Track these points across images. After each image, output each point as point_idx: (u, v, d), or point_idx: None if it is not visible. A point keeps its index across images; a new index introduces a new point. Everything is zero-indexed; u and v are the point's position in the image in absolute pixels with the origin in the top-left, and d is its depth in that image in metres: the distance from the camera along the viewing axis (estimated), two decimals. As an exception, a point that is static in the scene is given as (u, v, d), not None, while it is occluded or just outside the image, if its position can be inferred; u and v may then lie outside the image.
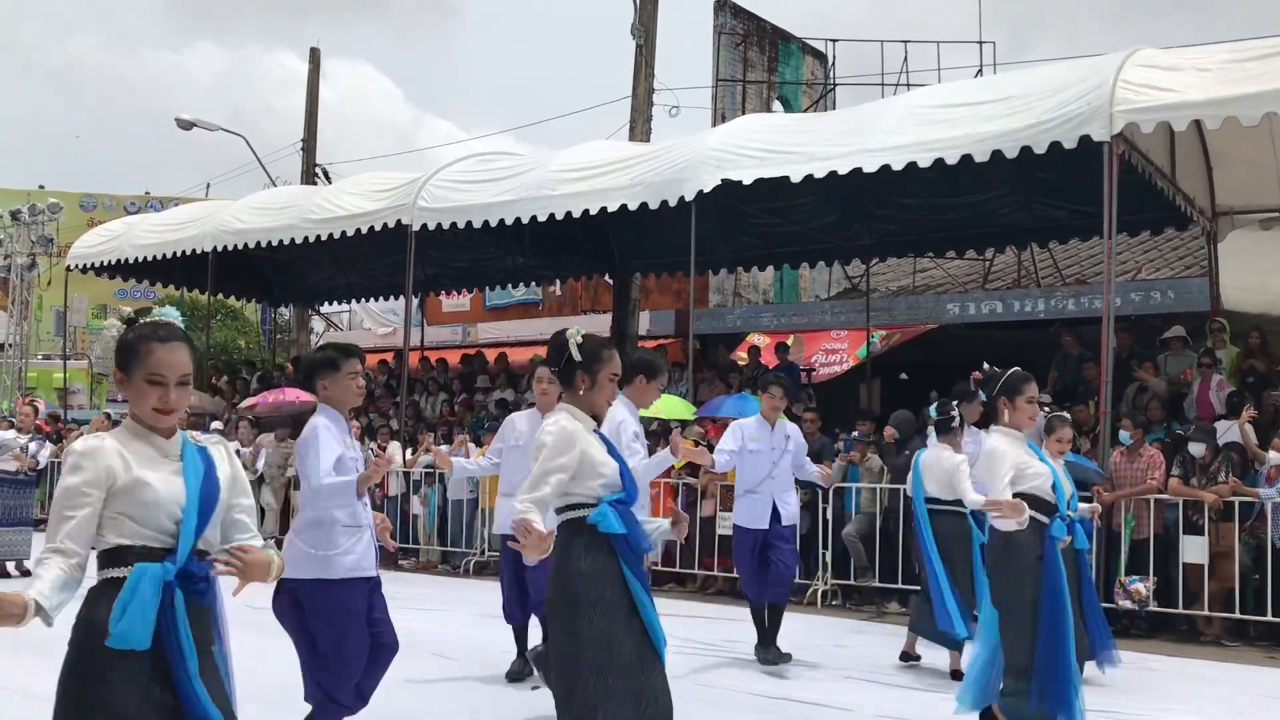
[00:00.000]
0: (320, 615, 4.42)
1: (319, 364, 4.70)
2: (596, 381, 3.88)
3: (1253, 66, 8.74)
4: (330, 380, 4.62)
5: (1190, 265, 15.85)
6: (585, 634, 3.60)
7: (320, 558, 4.42)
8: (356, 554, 4.50)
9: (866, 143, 10.29)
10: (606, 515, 3.69)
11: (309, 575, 4.41)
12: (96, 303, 30.57)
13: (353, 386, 4.65)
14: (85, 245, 17.76)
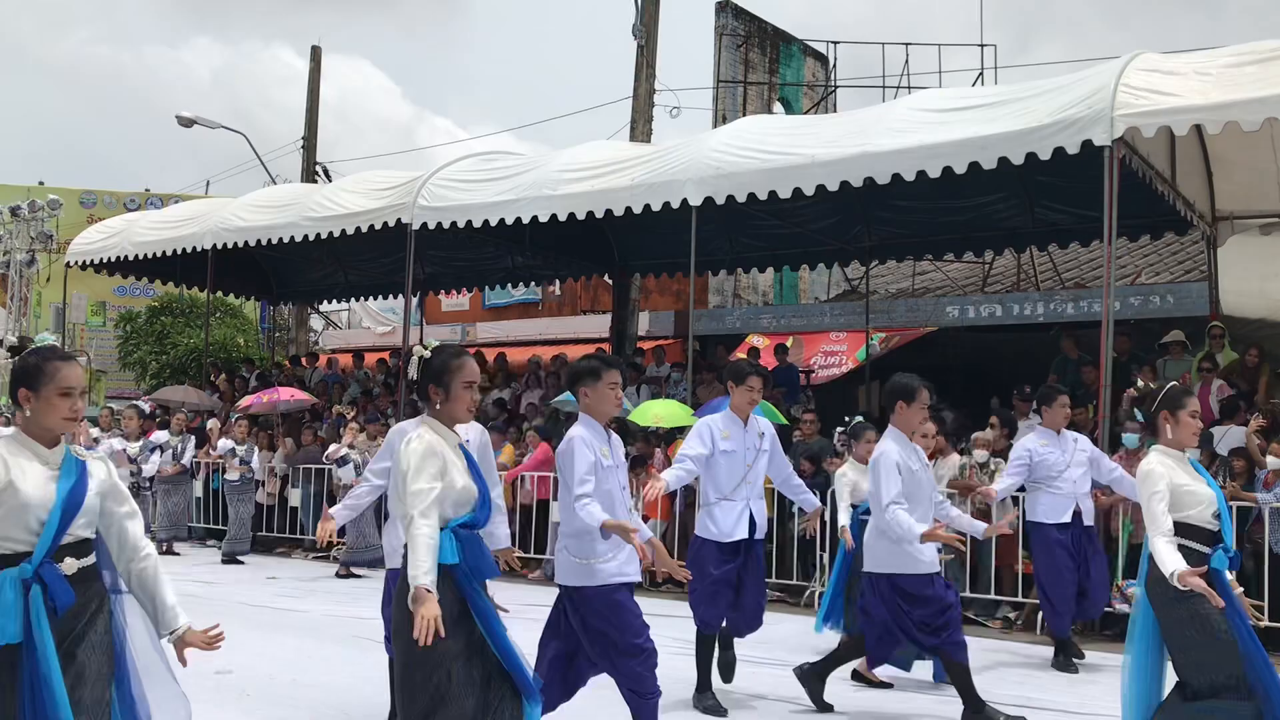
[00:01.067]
0: (598, 615, 4.67)
1: (582, 372, 4.86)
2: (451, 393, 3.83)
3: (1254, 71, 8.75)
4: (591, 389, 4.79)
5: (1190, 270, 15.86)
6: (422, 656, 3.55)
7: (583, 566, 4.67)
8: (619, 560, 4.72)
9: (869, 146, 10.29)
10: (443, 544, 3.62)
11: (575, 583, 4.70)
12: (96, 300, 30.56)
13: (611, 396, 4.80)
14: (85, 242, 17.75)
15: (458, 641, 3.58)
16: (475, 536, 3.76)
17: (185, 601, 3.76)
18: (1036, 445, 7.65)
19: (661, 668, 4.93)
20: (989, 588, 9.50)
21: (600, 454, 4.70)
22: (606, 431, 4.85)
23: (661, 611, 9.71)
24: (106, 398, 26.76)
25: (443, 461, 3.67)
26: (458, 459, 3.77)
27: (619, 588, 4.73)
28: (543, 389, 15.08)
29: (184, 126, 23.24)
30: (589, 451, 4.68)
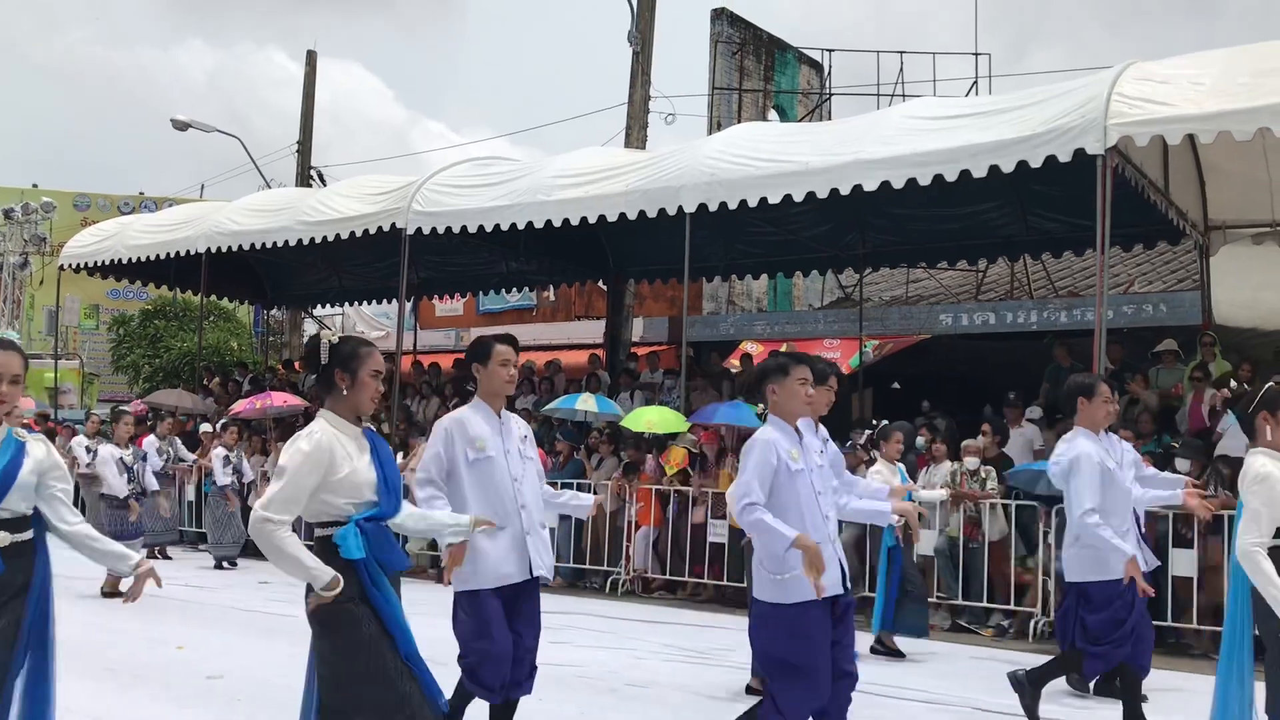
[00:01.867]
0: (778, 636, 4.35)
1: (769, 370, 4.60)
2: (358, 380, 3.76)
3: (1246, 81, 8.78)
4: (779, 386, 4.51)
5: (1183, 279, 15.90)
6: (342, 646, 3.54)
7: (776, 581, 4.33)
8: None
9: (862, 154, 10.32)
10: (347, 539, 3.57)
11: (768, 599, 4.38)
12: (89, 303, 30.53)
13: (801, 394, 4.51)
14: (78, 245, 17.72)
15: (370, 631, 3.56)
16: (382, 529, 3.68)
17: (178, 606, 3.76)
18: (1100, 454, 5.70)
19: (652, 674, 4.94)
20: (982, 595, 9.51)
21: (789, 457, 4.36)
22: (797, 431, 4.52)
23: (650, 618, 9.72)
24: (100, 401, 26.73)
25: (325, 469, 3.59)
26: (357, 451, 3.69)
27: (812, 605, 4.30)
28: (536, 394, 15.07)
29: (179, 130, 23.21)
30: (771, 455, 4.34)
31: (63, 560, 4.06)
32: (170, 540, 13.61)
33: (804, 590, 4.25)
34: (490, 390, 4.76)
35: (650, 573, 11.34)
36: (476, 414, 4.72)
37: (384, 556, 3.66)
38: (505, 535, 4.55)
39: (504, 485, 4.62)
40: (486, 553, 4.53)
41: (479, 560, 4.53)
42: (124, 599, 4.15)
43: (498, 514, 4.50)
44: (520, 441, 4.77)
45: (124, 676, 6.78)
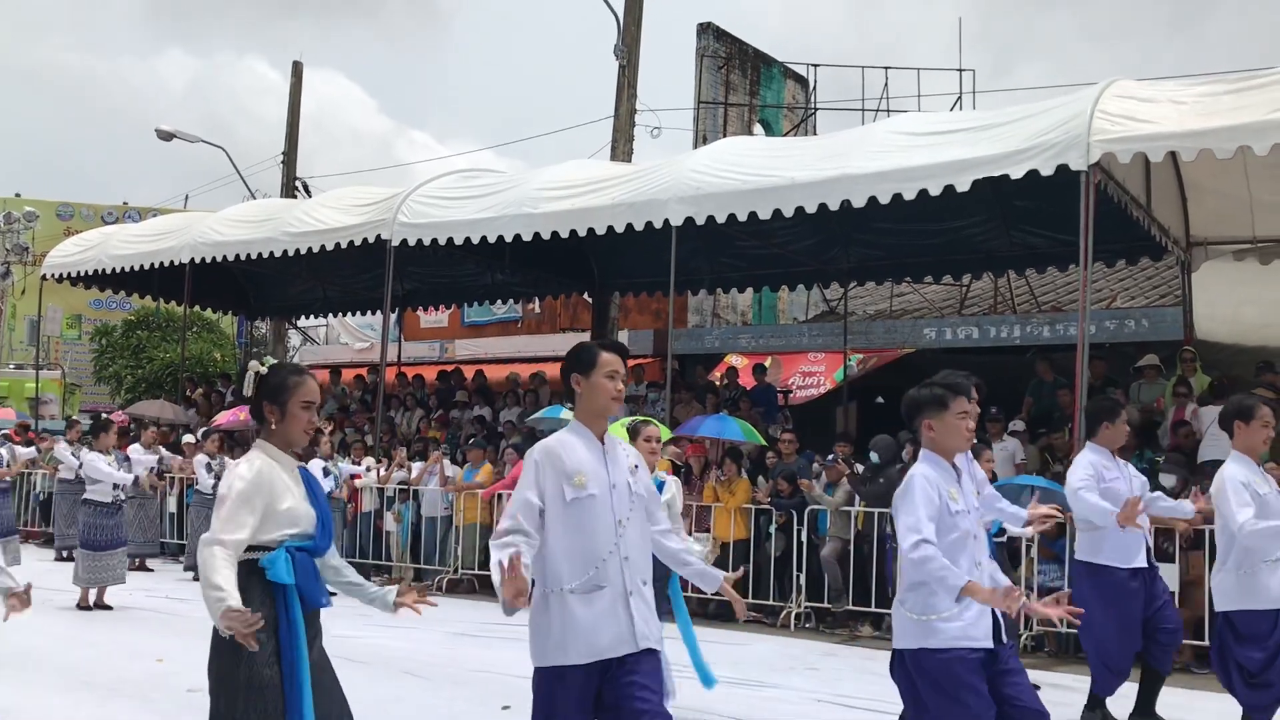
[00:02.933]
0: (929, 686, 3.90)
1: (924, 402, 4.08)
2: (287, 412, 3.61)
3: (1227, 100, 8.86)
4: (937, 420, 4.04)
5: (1165, 295, 15.99)
6: (238, 679, 3.39)
7: (921, 624, 3.91)
8: (964, 620, 3.86)
9: (847, 169, 10.35)
10: (276, 562, 3.46)
11: (913, 645, 3.95)
12: (71, 313, 30.39)
13: (961, 428, 4.02)
14: (61, 254, 17.64)
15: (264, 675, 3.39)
16: (310, 561, 3.57)
17: (158, 619, 3.73)
18: (1100, 465, 6.16)
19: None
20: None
21: (948, 496, 3.94)
22: (955, 469, 4.07)
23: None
24: (81, 411, 26.56)
25: (268, 497, 3.49)
26: (294, 484, 3.59)
27: (963, 654, 3.86)
28: (521, 406, 15.06)
29: (163, 140, 23.14)
30: (933, 493, 3.91)
31: (40, 573, 4.06)
32: (151, 552, 13.53)
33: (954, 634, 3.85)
34: (593, 409, 3.79)
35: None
36: (575, 439, 3.77)
37: (308, 588, 3.51)
38: (603, 596, 3.60)
39: (604, 530, 3.67)
40: (576, 617, 3.58)
41: (567, 626, 3.58)
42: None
43: (590, 566, 3.62)
44: (629, 474, 3.81)
45: (102, 690, 6.72)
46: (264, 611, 3.37)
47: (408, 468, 13.21)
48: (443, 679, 7.27)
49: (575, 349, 3.88)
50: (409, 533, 12.90)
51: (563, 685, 3.56)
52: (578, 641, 3.55)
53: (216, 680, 3.42)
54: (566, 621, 3.57)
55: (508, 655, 7.38)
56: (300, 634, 3.43)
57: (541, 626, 3.62)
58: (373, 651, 7.50)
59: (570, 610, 3.58)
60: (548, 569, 3.63)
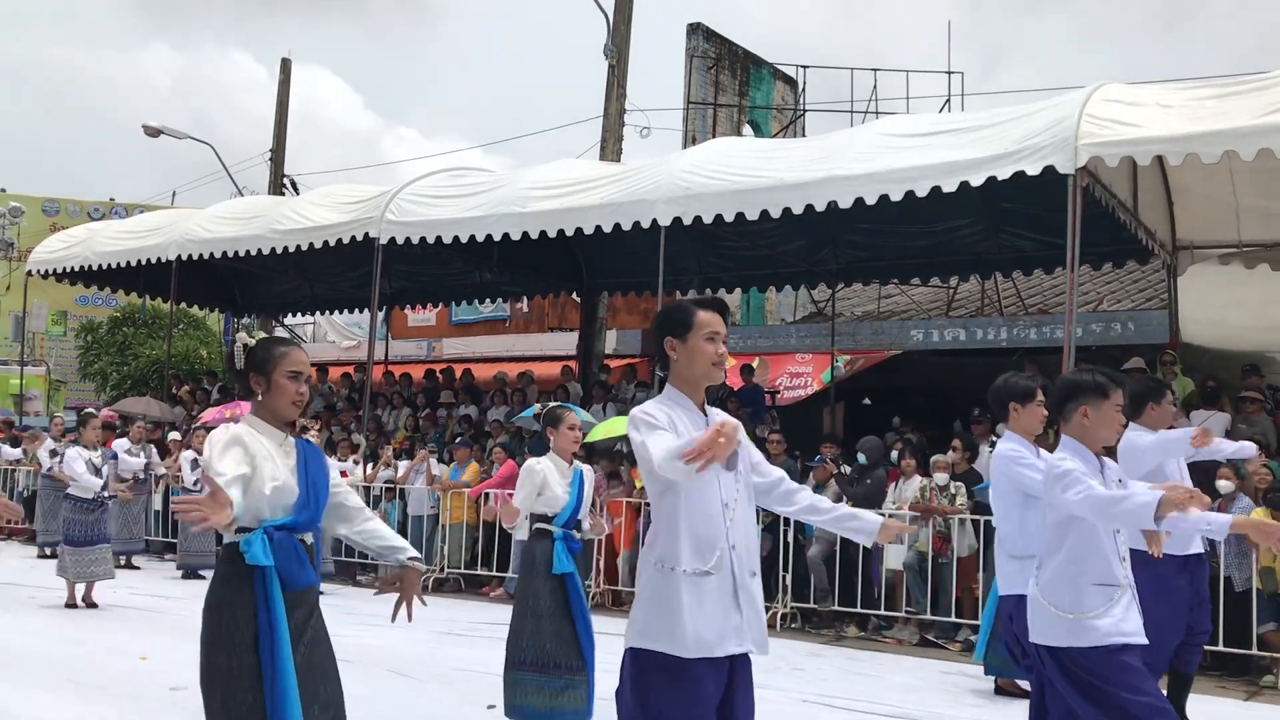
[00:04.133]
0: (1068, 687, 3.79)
1: (1084, 388, 3.95)
2: (272, 383, 3.54)
3: (1213, 105, 8.91)
4: (1095, 409, 3.93)
5: (1151, 298, 16.06)
6: (217, 668, 3.34)
7: (1068, 621, 3.79)
8: (1113, 617, 3.76)
9: (836, 170, 10.37)
10: (252, 544, 3.36)
11: (1058, 642, 3.81)
12: (57, 309, 30.21)
13: (1117, 421, 3.97)
14: (47, 250, 17.56)
15: (239, 661, 3.33)
16: (292, 541, 3.46)
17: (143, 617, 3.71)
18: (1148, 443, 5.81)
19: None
20: (950, 610, 9.55)
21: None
22: (1099, 461, 3.97)
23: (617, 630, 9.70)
24: (66, 408, 26.43)
25: (250, 455, 3.40)
26: (280, 456, 3.49)
27: (1113, 651, 3.74)
28: (509, 406, 15.04)
29: (150, 136, 23.05)
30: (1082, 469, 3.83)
31: (24, 570, 4.02)
32: (137, 550, 13.47)
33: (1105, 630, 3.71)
34: (691, 377, 3.39)
35: (620, 586, 11.32)
36: (679, 410, 3.34)
37: (288, 570, 3.41)
38: (710, 585, 3.23)
39: (713, 514, 3.28)
40: (684, 605, 3.20)
41: (672, 613, 3.21)
42: None
43: (702, 554, 3.25)
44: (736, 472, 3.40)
45: (87, 688, 6.70)
46: (244, 596, 3.35)
47: (394, 466, 13.19)
48: (428, 678, 7.27)
49: (668, 308, 3.50)
50: (395, 531, 12.86)
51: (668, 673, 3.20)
52: (681, 632, 3.18)
53: (204, 672, 3.39)
54: (670, 607, 3.21)
55: (493, 654, 7.35)
56: (279, 618, 3.36)
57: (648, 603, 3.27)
58: (357, 650, 7.48)
59: (680, 596, 3.20)
60: (668, 542, 3.27)
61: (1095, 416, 3.93)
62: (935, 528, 9.71)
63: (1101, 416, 3.93)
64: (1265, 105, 8.56)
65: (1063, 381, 4.11)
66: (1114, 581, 3.81)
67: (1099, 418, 3.93)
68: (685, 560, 3.22)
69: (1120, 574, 3.82)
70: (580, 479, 5.90)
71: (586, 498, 5.94)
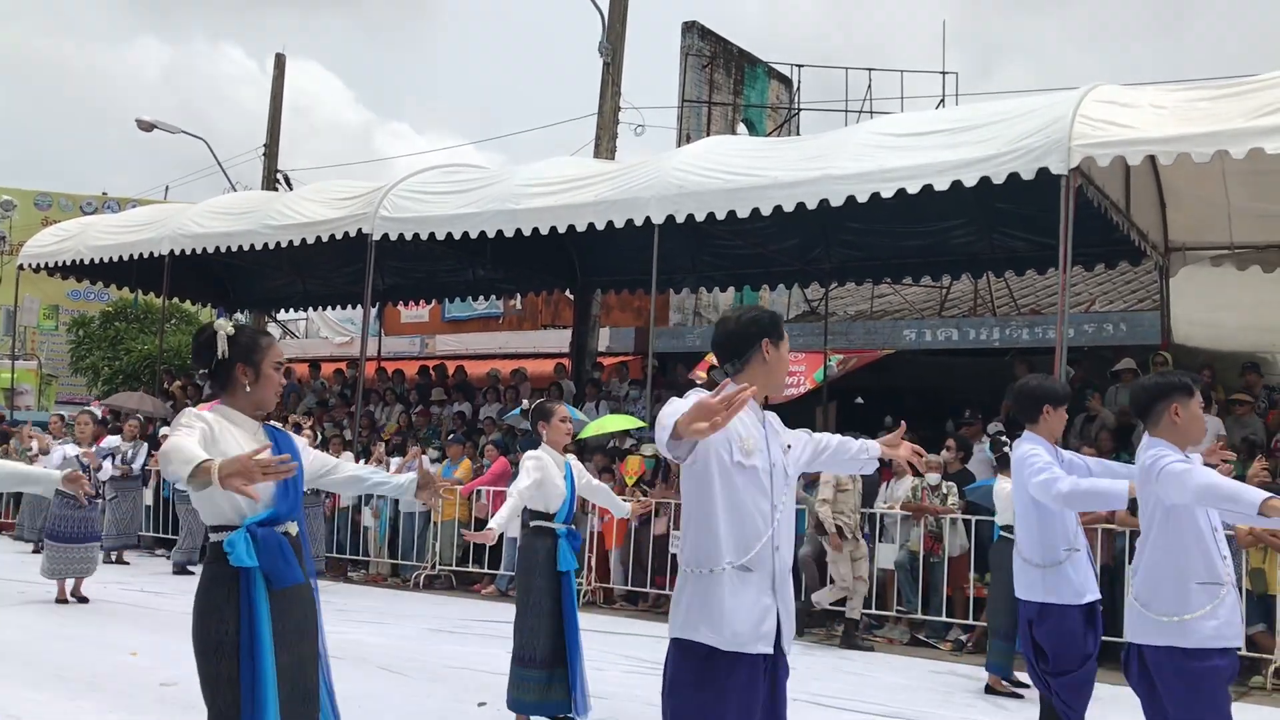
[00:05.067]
0: (1175, 690, 3.75)
1: (1173, 388, 4.02)
2: (261, 373, 3.49)
3: (1205, 106, 8.93)
4: (1184, 408, 3.99)
5: (1143, 299, 16.09)
6: (212, 674, 3.28)
7: (1172, 624, 3.76)
8: (1219, 619, 3.75)
9: (830, 169, 10.38)
10: (236, 545, 3.27)
11: (1161, 642, 3.79)
12: (48, 303, 30.16)
13: (1203, 419, 4.07)
14: (39, 244, 17.51)
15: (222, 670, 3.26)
16: (276, 536, 3.35)
17: (133, 612, 3.69)
18: None
19: (614, 686, 4.91)
20: (941, 610, 9.57)
21: None
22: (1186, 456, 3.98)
23: (611, 629, 9.70)
24: (57, 403, 26.39)
25: (216, 443, 3.28)
26: (254, 443, 3.35)
27: (1216, 655, 3.75)
28: (501, 403, 15.03)
29: (144, 130, 22.99)
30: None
31: (15, 566, 4.01)
32: (127, 545, 13.44)
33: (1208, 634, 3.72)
34: (771, 381, 3.43)
35: (610, 583, 11.33)
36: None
37: (273, 568, 3.30)
38: (751, 582, 3.22)
39: (761, 511, 3.26)
40: (723, 598, 3.20)
41: (712, 605, 3.21)
42: None
43: (745, 550, 3.22)
44: (784, 454, 3.43)
45: (75, 684, 6.68)
46: (230, 600, 3.28)
47: (386, 463, 13.17)
48: (419, 675, 7.26)
49: (767, 314, 3.49)
50: (387, 528, 12.87)
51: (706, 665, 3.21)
52: (719, 622, 3.19)
53: (200, 678, 3.34)
54: (710, 599, 3.21)
55: (484, 651, 7.38)
56: (261, 624, 3.27)
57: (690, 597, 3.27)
58: (349, 647, 7.48)
59: (722, 587, 3.20)
60: (699, 543, 3.25)
61: (1186, 415, 3.97)
62: (927, 527, 9.72)
63: (1191, 415, 3.98)
64: (1257, 107, 8.59)
65: (1148, 383, 4.15)
66: (1218, 580, 3.80)
67: (1189, 416, 3.97)
68: (726, 557, 3.20)
69: (1223, 571, 3.81)
70: (570, 472, 5.94)
71: (579, 487, 5.98)
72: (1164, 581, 3.81)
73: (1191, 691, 3.72)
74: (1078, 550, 5.12)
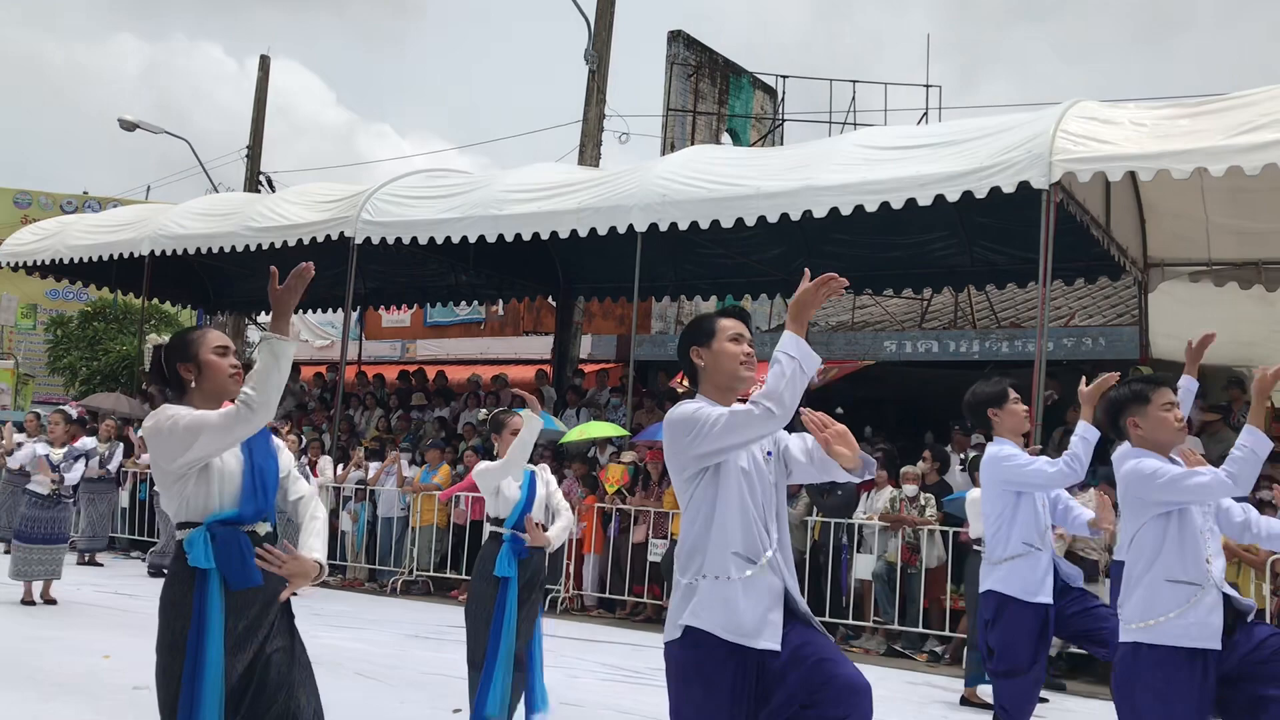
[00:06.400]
0: (1148, 686, 3.73)
1: (1124, 401, 4.00)
2: (202, 363, 3.34)
3: (1185, 123, 9.02)
4: (1142, 418, 3.93)
5: (1122, 314, 16.19)
6: (168, 670, 3.22)
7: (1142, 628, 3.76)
8: (1187, 621, 3.71)
9: (813, 180, 10.42)
10: (195, 544, 3.20)
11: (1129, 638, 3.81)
12: (26, 302, 29.93)
13: (1170, 420, 3.90)
14: (18, 243, 17.38)
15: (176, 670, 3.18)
16: (236, 535, 3.25)
17: (106, 614, 3.65)
18: None
19: (588, 693, 4.90)
20: (917, 621, 9.59)
21: None
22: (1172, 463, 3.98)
23: (588, 637, 9.69)
24: (34, 402, 26.20)
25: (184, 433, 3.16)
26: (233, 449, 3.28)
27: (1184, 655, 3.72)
28: (482, 408, 15.00)
29: (126, 130, 22.88)
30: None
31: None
32: (100, 547, 13.35)
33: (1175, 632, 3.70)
34: (720, 382, 3.45)
35: (587, 590, 11.31)
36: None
37: (229, 570, 3.21)
38: (759, 582, 3.22)
39: (751, 515, 3.29)
40: (734, 595, 3.19)
41: (716, 597, 3.20)
42: None
43: (751, 557, 3.23)
44: (764, 459, 3.40)
45: (47, 686, 6.62)
46: (186, 598, 3.20)
47: (365, 467, 13.12)
48: (396, 680, 7.23)
49: (692, 323, 3.52)
50: (364, 533, 12.81)
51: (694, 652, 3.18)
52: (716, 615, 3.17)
53: (155, 669, 3.29)
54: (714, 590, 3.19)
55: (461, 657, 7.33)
56: (210, 622, 3.18)
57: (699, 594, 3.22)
58: (325, 652, 7.43)
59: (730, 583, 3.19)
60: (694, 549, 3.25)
61: (1145, 423, 3.92)
62: (904, 538, 9.75)
63: (1150, 421, 3.91)
64: (1236, 124, 8.67)
65: (1105, 402, 4.15)
66: (1194, 580, 3.75)
67: (1149, 423, 3.91)
68: (734, 569, 3.19)
69: (1205, 574, 3.76)
70: (531, 479, 5.78)
71: (539, 498, 5.81)
72: (1137, 582, 3.80)
73: (1159, 688, 3.70)
74: (1039, 550, 5.11)
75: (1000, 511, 5.18)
